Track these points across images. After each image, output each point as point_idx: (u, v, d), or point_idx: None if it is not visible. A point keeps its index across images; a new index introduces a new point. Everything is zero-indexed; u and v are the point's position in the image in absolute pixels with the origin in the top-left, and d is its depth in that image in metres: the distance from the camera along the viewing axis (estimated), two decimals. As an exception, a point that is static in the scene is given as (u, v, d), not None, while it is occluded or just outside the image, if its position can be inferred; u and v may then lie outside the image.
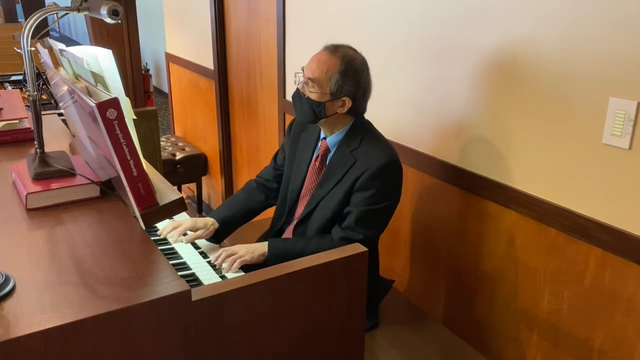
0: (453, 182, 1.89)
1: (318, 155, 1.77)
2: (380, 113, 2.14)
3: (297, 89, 1.70)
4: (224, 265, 1.55)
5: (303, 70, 1.68)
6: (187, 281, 1.26)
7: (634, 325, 1.43)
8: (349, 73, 1.62)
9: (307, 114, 1.67)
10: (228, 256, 1.57)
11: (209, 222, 1.77)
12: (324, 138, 1.75)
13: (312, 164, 1.79)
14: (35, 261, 1.14)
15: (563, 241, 1.57)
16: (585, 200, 1.50)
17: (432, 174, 1.97)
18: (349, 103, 1.65)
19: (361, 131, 1.70)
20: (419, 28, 1.92)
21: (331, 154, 1.74)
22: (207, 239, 1.73)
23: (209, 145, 3.95)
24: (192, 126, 4.25)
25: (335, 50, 1.64)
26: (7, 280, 1.03)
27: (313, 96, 1.64)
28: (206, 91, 3.82)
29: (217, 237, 1.78)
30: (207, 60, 3.67)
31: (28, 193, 1.39)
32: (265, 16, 2.97)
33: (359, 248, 1.25)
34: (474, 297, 1.90)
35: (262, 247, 1.64)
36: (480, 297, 1.88)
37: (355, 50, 1.68)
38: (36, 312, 0.96)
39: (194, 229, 1.70)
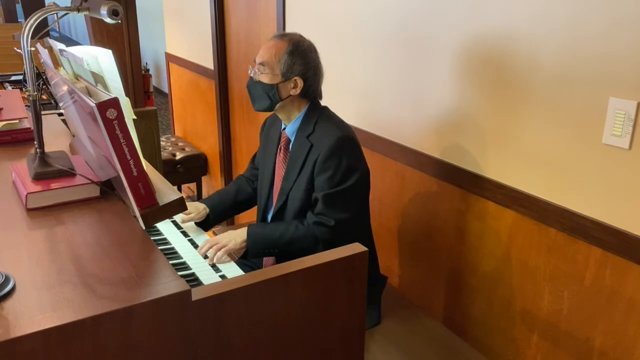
0: (453, 182, 1.89)
1: (280, 146, 1.80)
2: (379, 112, 2.14)
3: (250, 77, 1.73)
4: (209, 254, 1.58)
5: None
6: (187, 281, 1.26)
7: (634, 325, 1.43)
8: (297, 52, 1.67)
9: (262, 99, 1.71)
10: (212, 245, 1.60)
11: (200, 207, 1.84)
12: (284, 129, 1.79)
13: (277, 157, 1.82)
14: (35, 261, 1.14)
15: (563, 241, 1.57)
16: (585, 200, 1.50)
17: (432, 174, 1.97)
18: (300, 83, 1.69)
19: (315, 115, 1.73)
20: (420, 28, 1.92)
21: (292, 143, 1.76)
22: (196, 224, 1.79)
23: (209, 145, 3.95)
24: (192, 126, 4.25)
25: (282, 36, 1.72)
26: (7, 280, 1.03)
27: (265, 78, 1.68)
28: (206, 91, 3.82)
29: (206, 224, 1.84)
30: (207, 60, 3.66)
31: (28, 193, 1.39)
32: (265, 16, 2.97)
33: (359, 248, 1.25)
34: (473, 297, 1.90)
35: (243, 234, 1.67)
36: (480, 296, 1.88)
37: (302, 36, 1.73)
38: (36, 312, 0.96)
39: (185, 212, 1.74)
